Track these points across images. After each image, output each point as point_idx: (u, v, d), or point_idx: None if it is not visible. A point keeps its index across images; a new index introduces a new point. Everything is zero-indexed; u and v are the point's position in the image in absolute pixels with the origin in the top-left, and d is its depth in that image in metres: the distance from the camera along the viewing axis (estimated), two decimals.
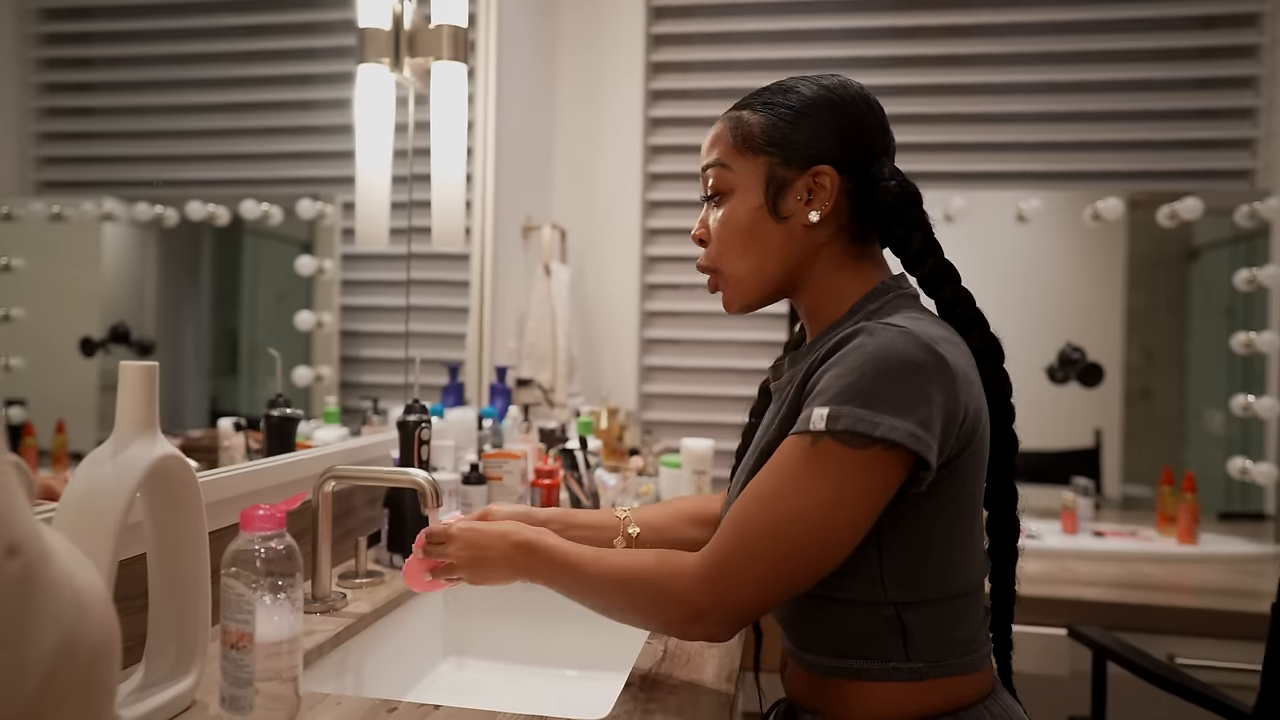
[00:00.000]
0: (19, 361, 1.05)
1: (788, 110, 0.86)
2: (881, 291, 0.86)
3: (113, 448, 0.66)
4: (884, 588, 0.80)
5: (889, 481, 0.76)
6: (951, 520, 0.81)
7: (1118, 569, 1.91)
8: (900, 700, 0.81)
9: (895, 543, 0.80)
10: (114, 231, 1.28)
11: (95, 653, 0.50)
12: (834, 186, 0.85)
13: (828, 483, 0.74)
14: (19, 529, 0.44)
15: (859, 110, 0.87)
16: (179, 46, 1.35)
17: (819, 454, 0.75)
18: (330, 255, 1.70)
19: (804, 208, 0.85)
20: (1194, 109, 2.47)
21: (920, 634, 0.80)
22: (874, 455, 0.74)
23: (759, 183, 0.86)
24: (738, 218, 0.87)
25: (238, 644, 0.69)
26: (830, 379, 0.77)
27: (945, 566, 0.81)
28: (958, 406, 0.76)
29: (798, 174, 0.85)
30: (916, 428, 0.73)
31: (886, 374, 0.74)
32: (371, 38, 1.40)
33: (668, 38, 2.75)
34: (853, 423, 0.73)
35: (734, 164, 0.88)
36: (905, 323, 0.78)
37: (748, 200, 0.87)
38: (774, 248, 0.87)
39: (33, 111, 1.13)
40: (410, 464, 1.28)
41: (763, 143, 0.86)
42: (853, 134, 0.86)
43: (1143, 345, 2.42)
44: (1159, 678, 1.31)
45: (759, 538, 0.76)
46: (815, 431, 0.75)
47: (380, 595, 1.14)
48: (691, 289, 2.75)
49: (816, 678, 0.85)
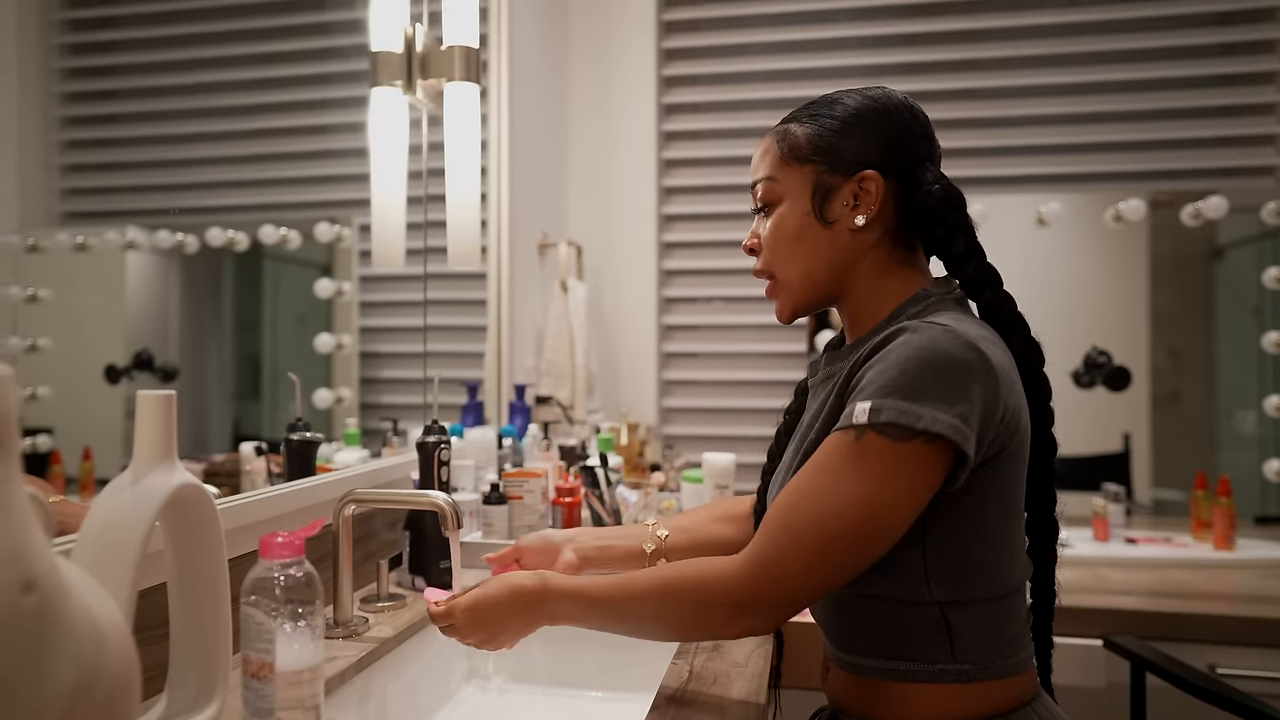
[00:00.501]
0: (46, 390, 1.06)
1: (833, 120, 0.89)
2: (924, 296, 0.88)
3: (131, 477, 0.65)
4: (929, 587, 0.81)
5: (930, 475, 0.77)
6: (994, 519, 0.82)
7: (1152, 576, 1.86)
8: (947, 703, 0.81)
9: (939, 541, 0.80)
10: (136, 260, 1.29)
11: (114, 687, 0.49)
12: (879, 191, 0.87)
13: (871, 477, 0.76)
14: (36, 564, 0.43)
15: (903, 118, 0.89)
16: (197, 77, 1.37)
17: (862, 449, 0.76)
18: (349, 278, 1.71)
19: (850, 212, 0.88)
20: (1215, 106, 2.44)
21: (967, 634, 0.81)
22: (915, 449, 0.75)
23: (806, 190, 0.89)
24: (786, 224, 0.90)
25: (258, 673, 0.69)
26: (873, 374, 0.78)
27: (989, 566, 0.82)
28: (998, 403, 0.78)
29: (844, 180, 0.88)
30: (958, 421, 0.74)
31: (929, 369, 0.76)
32: (384, 61, 1.41)
33: (678, 52, 2.75)
34: (895, 415, 0.75)
35: (781, 175, 0.91)
36: (949, 321, 0.80)
37: (796, 207, 0.90)
38: (822, 252, 0.89)
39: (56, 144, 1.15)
40: (430, 485, 1.28)
41: (809, 152, 0.89)
42: (897, 141, 0.88)
43: (1169, 347, 2.37)
44: (1200, 689, 1.28)
45: (803, 531, 0.77)
46: (858, 425, 0.77)
47: (402, 619, 1.14)
48: (709, 301, 2.74)
49: (862, 680, 0.86)
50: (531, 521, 1.50)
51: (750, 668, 1.00)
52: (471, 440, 1.65)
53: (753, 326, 2.67)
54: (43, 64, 1.11)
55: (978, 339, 0.78)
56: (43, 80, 1.10)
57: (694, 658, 1.03)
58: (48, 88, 1.12)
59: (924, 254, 0.93)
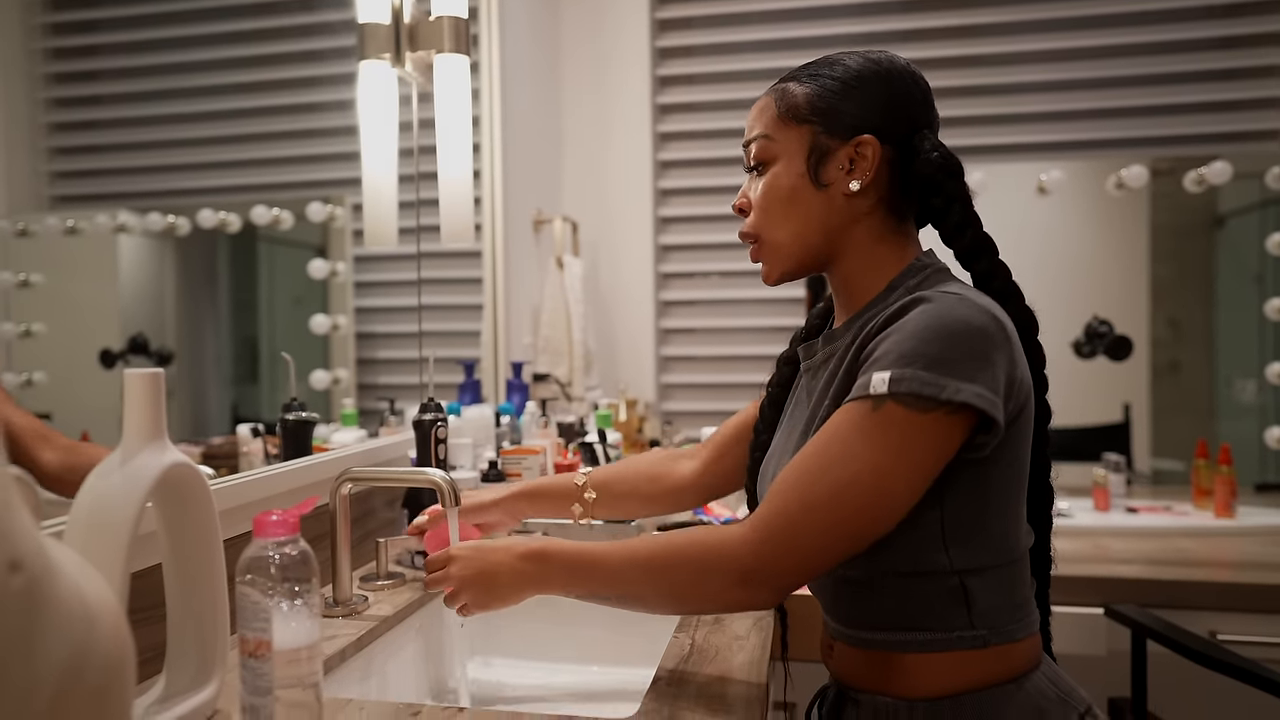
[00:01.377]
0: (42, 376, 1.05)
1: (833, 81, 0.87)
2: (920, 266, 0.87)
3: (121, 458, 0.65)
4: (949, 556, 0.80)
5: (948, 445, 0.76)
6: (1007, 485, 0.82)
7: (1153, 545, 1.87)
8: (963, 670, 0.81)
9: (957, 509, 0.80)
10: (129, 243, 1.29)
11: (107, 667, 0.49)
12: (875, 156, 0.85)
13: (887, 447, 0.75)
14: (21, 544, 0.43)
15: (904, 84, 0.88)
16: (183, 55, 1.35)
17: (880, 419, 0.75)
18: (343, 258, 1.70)
19: (845, 176, 0.86)
20: (1218, 69, 2.41)
21: (982, 600, 0.81)
22: (937, 419, 0.74)
23: (801, 151, 0.87)
24: (780, 185, 0.88)
25: (256, 652, 0.68)
26: (889, 344, 0.77)
27: (1002, 531, 0.82)
28: (1016, 371, 0.78)
29: (840, 143, 0.86)
30: (983, 389, 0.74)
31: (950, 337, 0.75)
32: (371, 33, 1.39)
33: (673, 22, 2.72)
34: (917, 385, 0.74)
35: (777, 134, 0.88)
36: (960, 290, 0.80)
37: (790, 168, 0.88)
38: (815, 215, 0.87)
39: (43, 126, 1.13)
40: (428, 463, 1.28)
41: (807, 112, 0.87)
42: (897, 106, 0.87)
43: (1169, 316, 2.36)
44: (1201, 655, 1.28)
45: (816, 501, 0.76)
46: (876, 395, 0.75)
47: (402, 597, 1.14)
48: (706, 276, 2.73)
49: (874, 654, 0.85)
50: None
51: (751, 640, 1.00)
52: (469, 418, 1.65)
53: (750, 301, 2.66)
54: (25, 45, 1.09)
55: (992, 306, 0.79)
56: (26, 61, 1.09)
57: (695, 631, 1.02)
58: (31, 69, 1.10)
59: (915, 223, 0.92)
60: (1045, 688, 0.83)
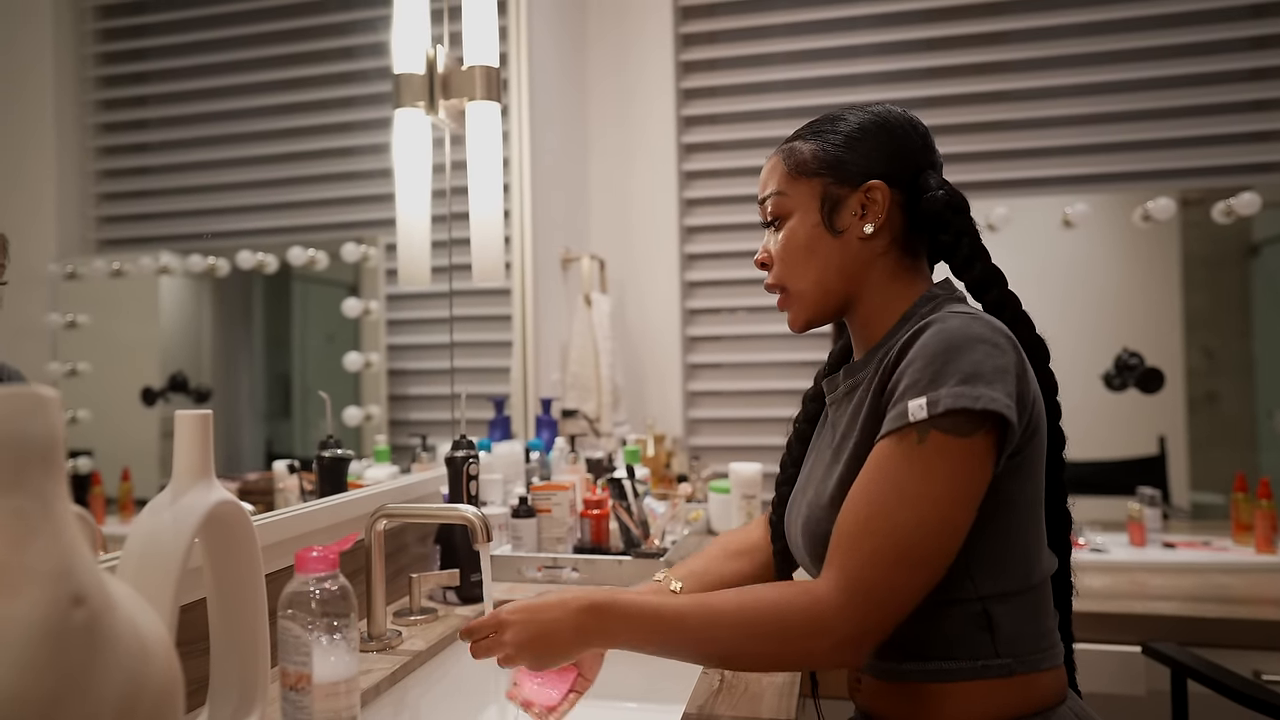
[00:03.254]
0: (85, 413, 1.08)
1: (837, 135, 0.92)
2: (931, 296, 0.91)
3: (171, 495, 0.67)
4: (974, 583, 0.81)
5: (989, 466, 0.78)
6: (1025, 508, 0.83)
7: (1192, 581, 1.83)
8: (989, 700, 0.81)
9: (979, 534, 0.81)
10: (170, 284, 1.32)
11: (159, 698, 0.51)
12: (885, 199, 0.90)
13: (940, 480, 0.76)
14: (84, 579, 0.45)
15: (904, 131, 0.92)
16: (225, 104, 1.40)
17: (927, 452, 0.76)
18: (375, 296, 1.74)
19: (859, 221, 0.90)
20: (1246, 101, 2.40)
21: (1006, 627, 0.82)
22: (978, 441, 0.76)
23: (814, 202, 0.92)
24: (798, 235, 0.93)
25: (297, 685, 0.70)
26: (915, 371, 0.79)
27: (1024, 556, 0.83)
28: (1028, 387, 0.80)
29: (851, 190, 0.91)
30: (1007, 398, 0.76)
31: (968, 351, 0.77)
32: (406, 83, 1.44)
33: (697, 64, 2.77)
34: (953, 400, 0.75)
35: (790, 190, 0.93)
36: (971, 311, 0.83)
37: (806, 219, 0.92)
38: (833, 260, 0.91)
39: (92, 174, 1.18)
40: (459, 499, 1.29)
41: (815, 166, 0.92)
42: (899, 152, 0.91)
43: (1204, 347, 2.33)
44: (1245, 696, 1.25)
45: (888, 552, 0.76)
46: (917, 423, 0.77)
47: (435, 631, 1.15)
48: (733, 312, 2.74)
49: (901, 686, 0.85)
50: (560, 534, 1.51)
51: (780, 677, 0.99)
52: (499, 454, 1.67)
53: (777, 336, 2.67)
54: (77, 96, 1.14)
55: (1001, 325, 0.82)
56: (78, 112, 1.14)
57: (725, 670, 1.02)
58: (82, 119, 1.15)
59: (927, 260, 0.96)
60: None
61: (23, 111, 1.02)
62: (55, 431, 0.44)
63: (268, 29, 1.50)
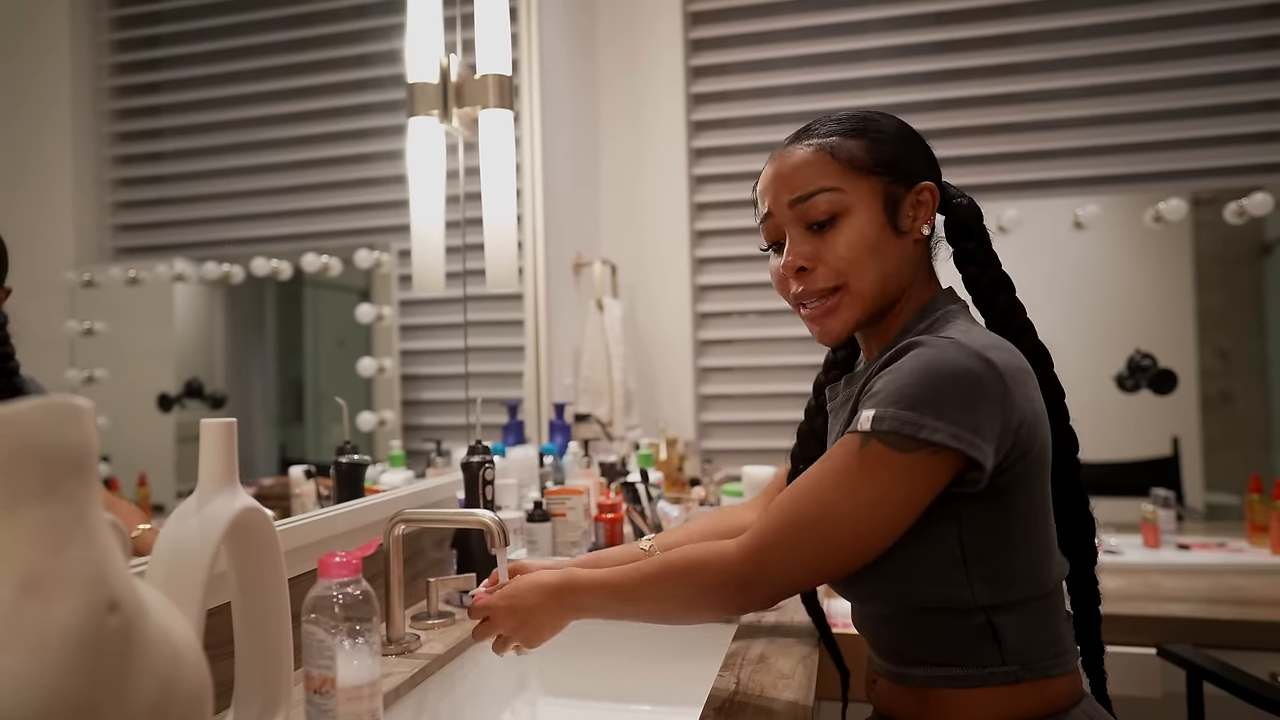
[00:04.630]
0: (103, 420, 1.09)
1: (881, 135, 0.90)
2: (933, 308, 0.91)
3: (197, 502, 0.68)
4: (973, 594, 0.82)
5: (933, 484, 0.79)
6: (1028, 521, 0.83)
7: (1207, 583, 1.82)
8: (998, 705, 0.82)
9: (977, 548, 0.81)
10: (184, 291, 1.34)
11: (190, 703, 0.51)
12: (934, 201, 0.91)
13: (873, 483, 0.78)
14: (118, 586, 0.46)
15: (922, 139, 0.94)
16: (239, 112, 1.42)
17: (867, 456, 0.78)
18: (388, 302, 1.75)
19: (914, 223, 0.91)
20: (1257, 101, 2.39)
21: (1012, 636, 0.82)
22: (919, 459, 0.77)
23: (877, 200, 0.89)
24: (867, 234, 0.87)
25: (321, 689, 0.71)
26: (882, 384, 0.80)
27: (1028, 567, 0.83)
28: (1012, 410, 0.79)
29: (905, 190, 0.90)
30: (963, 430, 0.76)
31: (936, 379, 0.77)
32: (420, 92, 1.45)
33: (707, 69, 2.78)
34: (896, 425, 0.77)
35: (847, 186, 0.88)
36: (957, 335, 0.82)
37: (872, 218, 0.88)
38: (892, 261, 0.90)
39: (108, 183, 1.19)
40: (476, 504, 1.30)
41: (872, 163, 0.89)
42: (929, 158, 0.93)
43: (1218, 348, 2.32)
44: (1261, 698, 1.25)
45: (801, 525, 0.80)
46: (863, 432, 0.79)
47: (453, 635, 1.16)
48: (744, 315, 2.75)
49: (912, 690, 0.87)
50: (574, 538, 1.52)
51: (796, 680, 1.00)
52: (514, 459, 1.68)
53: (788, 339, 2.67)
54: (94, 106, 1.15)
55: (986, 348, 0.79)
56: (94, 121, 1.15)
57: (740, 670, 1.03)
58: (98, 128, 1.16)
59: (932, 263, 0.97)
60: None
61: (39, 120, 1.04)
62: (89, 441, 0.45)
63: (282, 38, 1.52)
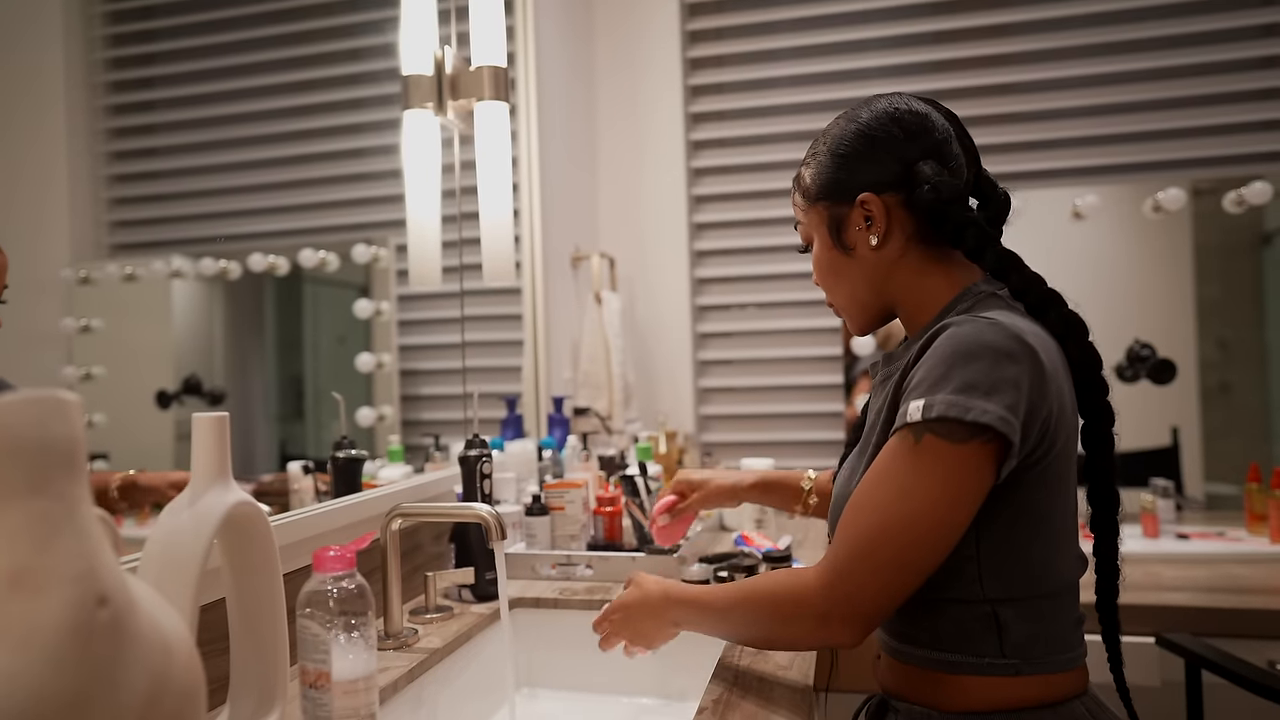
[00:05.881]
0: (101, 417, 1.09)
1: (824, 156, 0.94)
2: (971, 293, 0.90)
3: (189, 497, 0.68)
4: (982, 586, 0.82)
5: (986, 474, 0.78)
6: (1045, 516, 0.83)
7: (1206, 572, 1.82)
8: (995, 693, 0.82)
9: (992, 540, 0.82)
10: (182, 287, 1.33)
11: (182, 697, 0.51)
12: (880, 208, 0.90)
13: (932, 482, 0.77)
14: (107, 580, 0.46)
15: (884, 130, 0.91)
16: (234, 107, 1.41)
17: (921, 453, 0.78)
18: (387, 297, 1.75)
19: (864, 234, 0.92)
20: (1256, 89, 2.38)
21: (1015, 630, 0.82)
22: (974, 448, 0.76)
23: (823, 226, 0.95)
24: (820, 261, 0.98)
25: (316, 683, 0.71)
26: (923, 373, 0.80)
27: (1041, 563, 0.83)
28: (1043, 399, 0.79)
29: (848, 208, 0.92)
30: (1005, 411, 0.76)
31: (975, 360, 0.77)
32: (415, 84, 1.44)
33: (704, 61, 2.77)
34: (945, 409, 0.76)
35: (805, 218, 0.99)
36: (996, 316, 0.81)
37: (822, 244, 0.97)
38: (855, 276, 0.95)
39: (103, 179, 1.18)
40: (473, 498, 1.30)
41: (815, 192, 0.95)
42: (882, 156, 0.91)
43: (1217, 337, 2.32)
44: (1259, 686, 1.25)
45: (873, 544, 0.79)
46: (914, 424, 0.79)
47: (451, 629, 1.16)
48: (743, 308, 2.74)
49: (912, 669, 0.88)
50: (573, 531, 1.52)
51: (794, 671, 1.00)
52: (512, 453, 1.68)
53: (787, 331, 2.67)
54: (88, 102, 1.15)
55: (1024, 331, 0.79)
56: (88, 117, 1.15)
57: (739, 660, 1.03)
58: (93, 124, 1.16)
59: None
60: (1082, 715, 0.83)
61: (34, 117, 1.03)
62: (77, 435, 0.45)
63: (276, 32, 1.51)
